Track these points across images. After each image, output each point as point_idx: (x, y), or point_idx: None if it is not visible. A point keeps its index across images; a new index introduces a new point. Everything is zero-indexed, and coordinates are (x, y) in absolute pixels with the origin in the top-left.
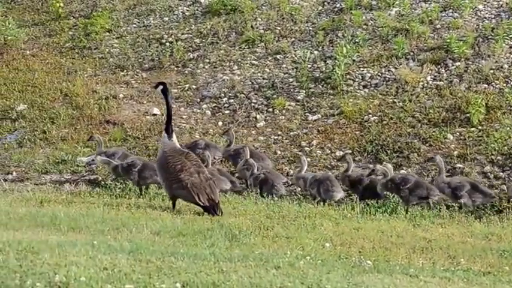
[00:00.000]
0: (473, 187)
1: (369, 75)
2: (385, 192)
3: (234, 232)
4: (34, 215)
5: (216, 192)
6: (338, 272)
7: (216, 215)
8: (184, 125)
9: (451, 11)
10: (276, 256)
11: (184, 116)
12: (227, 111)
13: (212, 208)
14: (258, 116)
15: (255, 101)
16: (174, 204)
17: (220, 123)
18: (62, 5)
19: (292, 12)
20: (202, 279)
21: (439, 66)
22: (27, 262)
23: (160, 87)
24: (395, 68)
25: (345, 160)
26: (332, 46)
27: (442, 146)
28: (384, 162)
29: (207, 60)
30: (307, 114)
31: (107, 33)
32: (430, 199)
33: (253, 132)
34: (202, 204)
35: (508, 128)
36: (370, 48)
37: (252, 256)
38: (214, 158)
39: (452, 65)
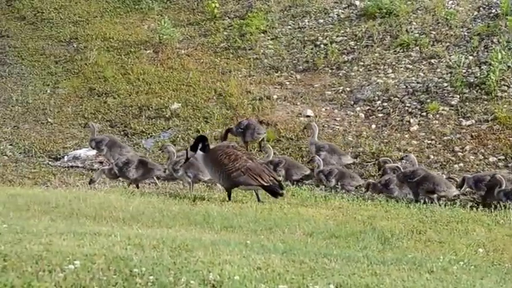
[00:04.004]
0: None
1: None
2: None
3: (386, 235)
4: (187, 213)
5: (274, 173)
6: (491, 278)
7: (280, 195)
8: (338, 127)
9: None
10: (429, 260)
11: (337, 118)
12: (380, 115)
13: (276, 187)
14: (411, 120)
15: (408, 104)
16: (230, 195)
17: (373, 126)
18: (217, 5)
19: (448, 17)
20: (355, 281)
21: None
22: (181, 259)
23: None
24: None
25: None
26: (487, 51)
27: None
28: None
29: (362, 63)
30: (461, 119)
31: (262, 34)
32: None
33: (406, 136)
34: (266, 184)
35: None
36: None
37: (404, 260)
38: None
39: None
